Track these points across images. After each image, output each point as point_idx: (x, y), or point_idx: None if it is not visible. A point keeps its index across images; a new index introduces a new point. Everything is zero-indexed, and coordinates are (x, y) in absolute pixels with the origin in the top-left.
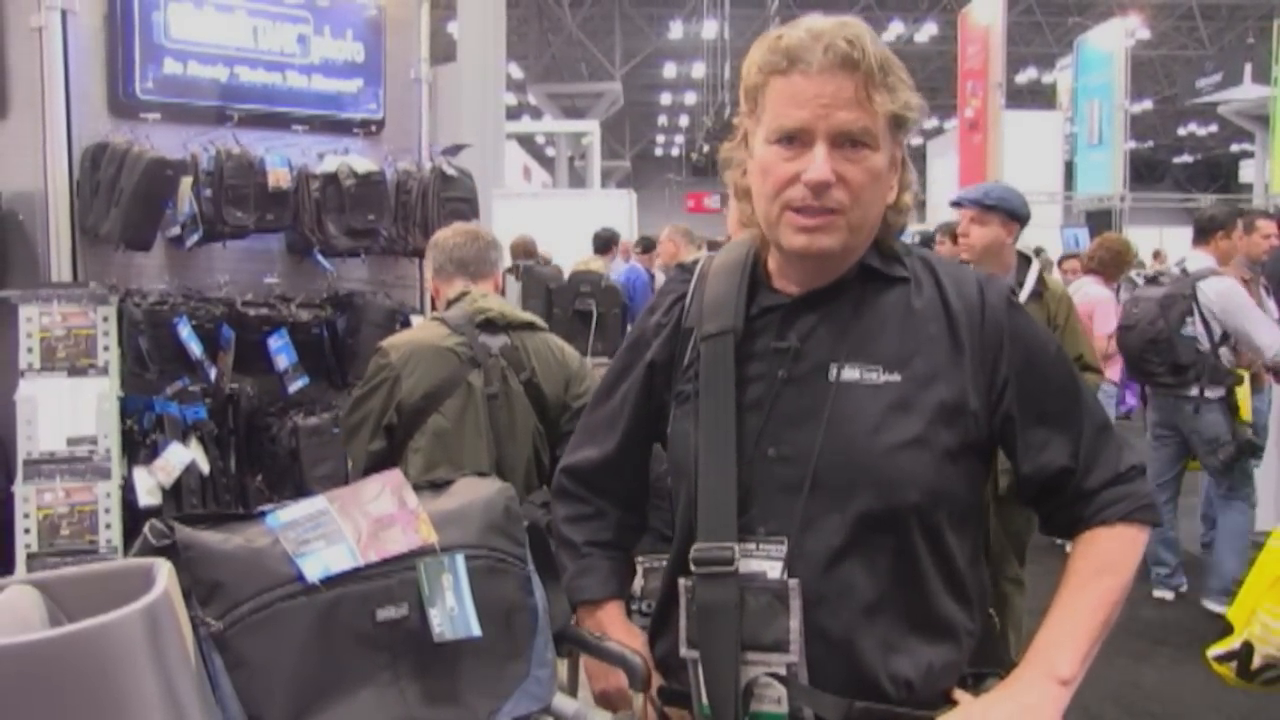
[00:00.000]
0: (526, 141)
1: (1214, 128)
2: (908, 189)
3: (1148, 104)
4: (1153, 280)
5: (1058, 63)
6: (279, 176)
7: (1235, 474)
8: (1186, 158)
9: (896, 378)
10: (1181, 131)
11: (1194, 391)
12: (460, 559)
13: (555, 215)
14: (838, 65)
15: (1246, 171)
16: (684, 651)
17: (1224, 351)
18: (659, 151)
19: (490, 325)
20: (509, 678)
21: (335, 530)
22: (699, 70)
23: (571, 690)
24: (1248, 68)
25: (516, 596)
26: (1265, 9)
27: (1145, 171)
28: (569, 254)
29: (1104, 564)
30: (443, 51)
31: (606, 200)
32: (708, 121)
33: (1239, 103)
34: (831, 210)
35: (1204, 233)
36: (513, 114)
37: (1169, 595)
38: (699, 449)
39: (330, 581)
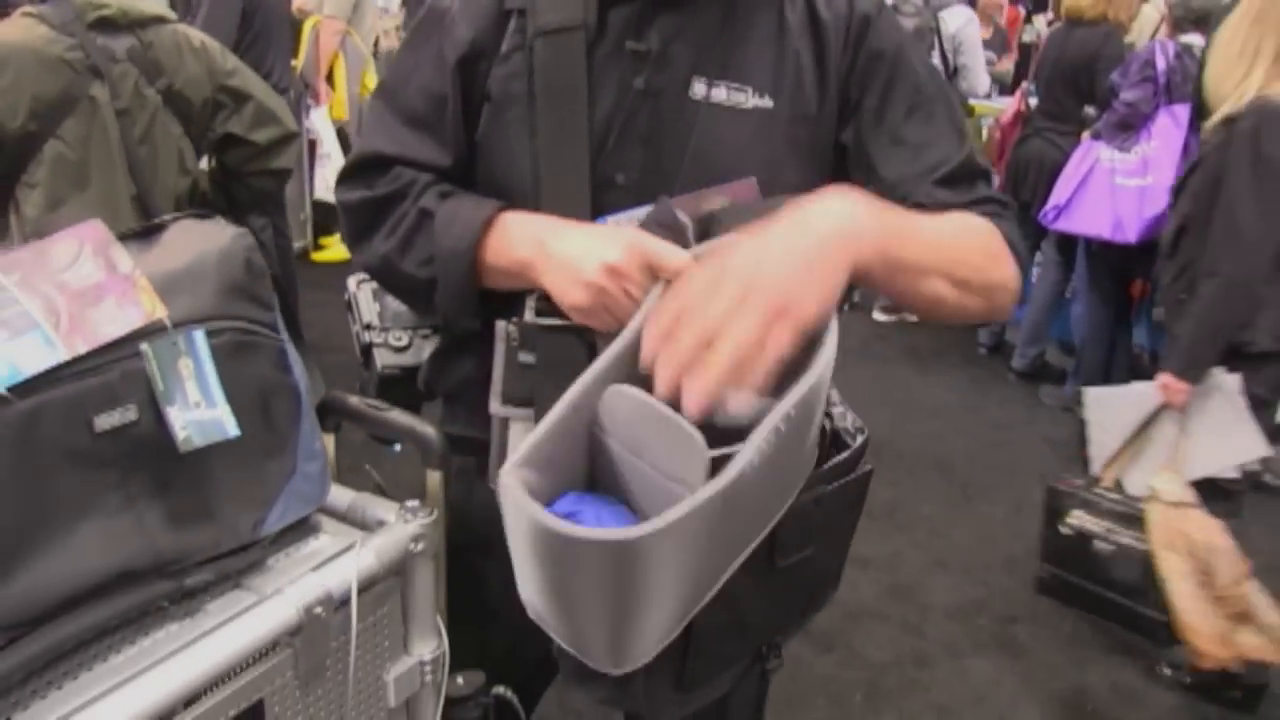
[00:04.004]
0: None
1: None
2: None
3: None
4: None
5: None
6: None
7: None
8: None
9: (768, 103)
10: None
11: None
12: (200, 336)
13: None
14: None
15: None
16: (495, 407)
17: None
18: None
19: (108, 24)
20: (272, 478)
21: (20, 314)
22: None
23: (337, 474)
24: None
25: (272, 376)
26: None
27: None
28: None
29: (969, 227)
30: None
31: None
32: None
33: None
34: None
35: None
36: None
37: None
38: (540, 172)
39: (23, 387)
